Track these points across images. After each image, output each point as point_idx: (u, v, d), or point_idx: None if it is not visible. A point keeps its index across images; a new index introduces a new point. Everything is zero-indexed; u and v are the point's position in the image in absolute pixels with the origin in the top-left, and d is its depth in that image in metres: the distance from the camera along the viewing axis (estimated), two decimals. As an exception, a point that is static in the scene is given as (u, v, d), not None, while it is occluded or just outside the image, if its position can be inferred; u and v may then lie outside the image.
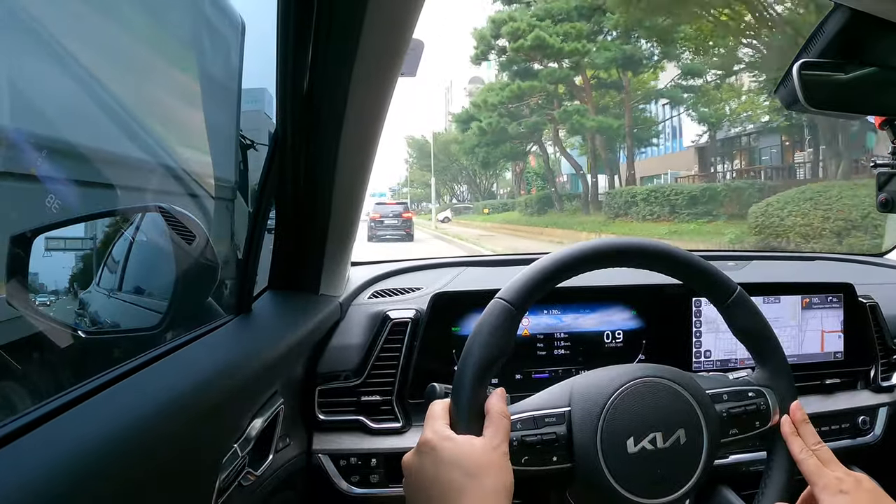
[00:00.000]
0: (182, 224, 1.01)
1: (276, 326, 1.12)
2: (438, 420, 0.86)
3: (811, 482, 0.90)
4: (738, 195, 18.80)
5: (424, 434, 0.85)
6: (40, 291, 0.97)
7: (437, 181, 45.03)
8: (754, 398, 0.96)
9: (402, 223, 23.35)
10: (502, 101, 28.31)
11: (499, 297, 0.89)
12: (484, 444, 0.82)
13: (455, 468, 0.80)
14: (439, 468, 0.81)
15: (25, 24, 0.89)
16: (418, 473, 0.84)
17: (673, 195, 20.57)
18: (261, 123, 1.48)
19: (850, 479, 0.89)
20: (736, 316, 0.98)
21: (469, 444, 0.82)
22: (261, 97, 1.65)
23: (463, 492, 0.78)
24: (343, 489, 1.34)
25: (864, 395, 1.66)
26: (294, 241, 1.22)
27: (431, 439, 0.83)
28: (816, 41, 1.13)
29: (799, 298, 1.62)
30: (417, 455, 0.85)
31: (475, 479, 0.79)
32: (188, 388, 0.74)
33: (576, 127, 26.71)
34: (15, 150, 0.87)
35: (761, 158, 26.74)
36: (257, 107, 1.67)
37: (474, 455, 0.81)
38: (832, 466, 0.91)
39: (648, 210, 21.10)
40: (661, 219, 20.48)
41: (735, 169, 28.02)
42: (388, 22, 0.89)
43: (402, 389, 1.42)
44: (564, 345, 1.50)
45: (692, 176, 28.28)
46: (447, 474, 0.80)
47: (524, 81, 27.24)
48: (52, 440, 0.54)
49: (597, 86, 27.72)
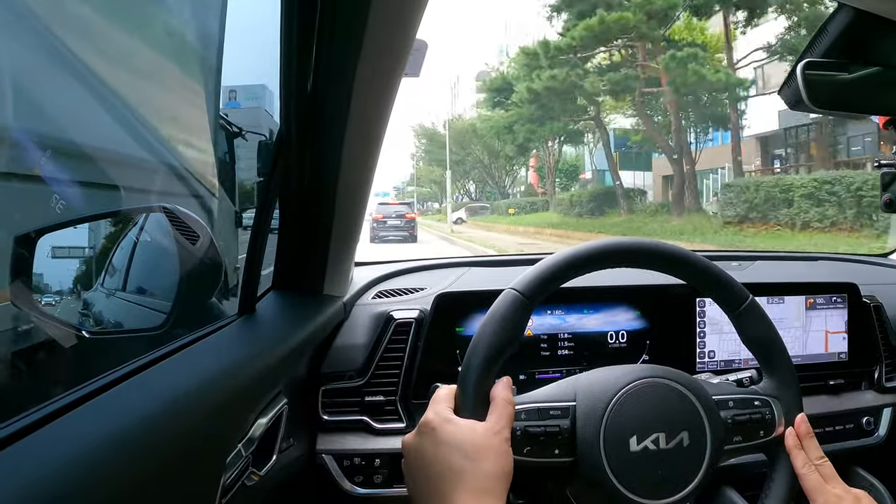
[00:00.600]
0: (186, 224, 1.01)
1: (279, 327, 1.13)
2: (442, 403, 0.87)
3: (811, 498, 0.91)
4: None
5: (426, 415, 0.86)
6: (44, 291, 0.97)
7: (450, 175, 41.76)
8: (760, 407, 0.96)
9: (405, 224, 22.48)
10: (573, 43, 20.43)
11: (511, 288, 0.90)
12: (486, 429, 0.83)
13: (454, 450, 0.80)
14: (438, 449, 0.82)
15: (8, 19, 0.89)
16: (417, 453, 0.85)
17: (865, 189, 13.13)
18: (261, 120, 1.48)
19: (849, 497, 0.91)
20: (746, 324, 0.98)
21: (470, 428, 0.83)
22: (261, 94, 1.64)
23: (461, 474, 0.79)
24: (347, 489, 1.34)
25: (868, 395, 1.65)
26: (298, 242, 1.22)
27: (432, 420, 0.84)
28: (820, 41, 1.13)
29: (803, 299, 1.62)
30: (417, 435, 0.86)
31: (474, 462, 0.79)
32: (192, 388, 0.74)
33: (689, 81, 18.79)
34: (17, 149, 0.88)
35: (850, 149, 20.40)
36: (257, 103, 1.66)
37: (475, 438, 0.81)
38: (833, 483, 0.92)
39: (817, 213, 14.25)
40: (842, 227, 13.71)
41: (807, 164, 21.45)
42: (391, 22, 0.90)
43: (406, 390, 1.42)
44: (568, 345, 1.50)
45: (756, 170, 23.13)
46: (446, 456, 0.81)
47: (609, 13, 19.30)
48: (56, 439, 0.55)
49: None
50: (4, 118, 0.85)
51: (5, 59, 0.84)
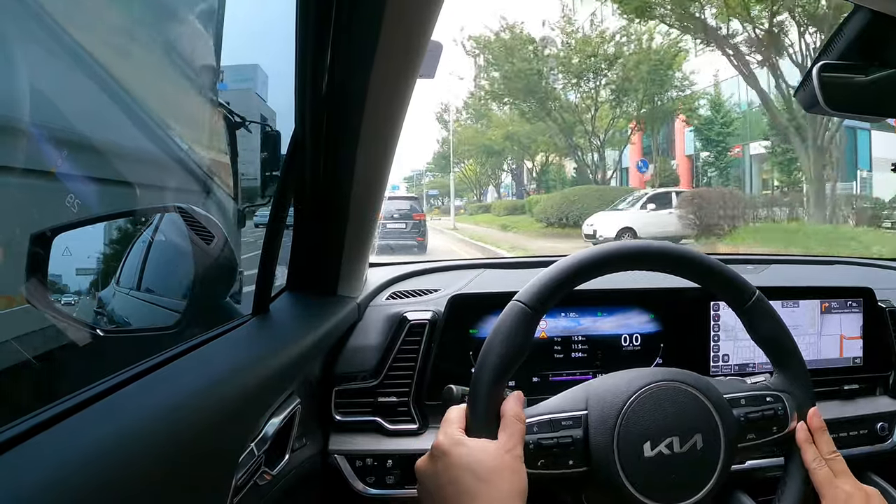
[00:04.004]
0: (200, 224, 1.02)
1: (293, 327, 1.13)
2: (453, 424, 0.86)
3: (820, 493, 0.91)
4: None
5: (437, 438, 0.85)
6: (60, 291, 0.98)
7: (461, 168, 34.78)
8: (772, 403, 0.95)
9: (410, 228, 15.94)
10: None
11: (516, 300, 0.89)
12: (497, 448, 0.82)
13: (467, 473, 0.80)
14: (451, 473, 0.81)
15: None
16: (431, 478, 0.84)
17: None
18: (251, 104, 1.43)
19: (859, 494, 0.89)
20: (754, 320, 0.98)
21: (482, 449, 0.82)
22: (252, 75, 1.57)
23: (475, 497, 0.78)
24: (359, 490, 1.35)
25: (882, 401, 1.64)
26: (312, 242, 1.23)
27: (443, 443, 0.84)
28: (837, 43, 1.13)
29: (818, 303, 1.61)
30: (430, 460, 0.85)
31: (487, 484, 0.79)
32: (205, 387, 0.75)
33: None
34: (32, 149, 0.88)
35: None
36: (247, 85, 1.60)
37: (487, 459, 0.81)
38: (844, 479, 0.91)
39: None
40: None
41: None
42: (406, 23, 0.90)
43: (419, 391, 1.42)
44: (582, 348, 1.50)
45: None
46: (459, 479, 0.80)
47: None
48: (70, 437, 0.55)
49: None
50: (19, 116, 0.86)
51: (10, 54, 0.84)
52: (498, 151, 33.83)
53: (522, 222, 23.28)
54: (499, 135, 31.45)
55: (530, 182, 35.57)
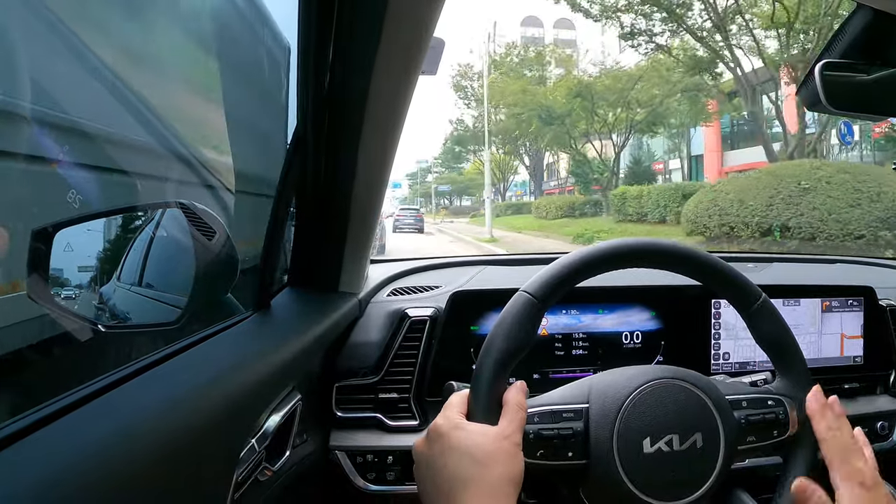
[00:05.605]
0: (202, 220, 1.01)
1: (294, 323, 1.13)
2: (454, 408, 0.86)
3: (831, 467, 0.88)
4: None
5: (436, 420, 0.85)
6: (61, 286, 0.98)
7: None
8: (773, 406, 0.95)
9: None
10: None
11: (523, 290, 0.89)
12: (496, 433, 0.82)
13: (464, 456, 0.80)
14: (447, 455, 0.81)
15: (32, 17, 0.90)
16: (427, 459, 0.84)
17: None
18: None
19: (873, 474, 0.88)
20: (759, 323, 0.97)
21: (480, 433, 0.82)
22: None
23: (470, 480, 0.78)
24: (359, 486, 1.35)
25: (883, 400, 1.64)
26: (314, 239, 1.23)
27: (442, 426, 0.84)
28: (839, 42, 1.12)
29: (819, 301, 1.61)
30: (427, 441, 0.85)
31: (483, 468, 0.78)
32: (206, 383, 0.75)
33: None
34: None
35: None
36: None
37: (485, 443, 0.81)
38: (857, 455, 0.90)
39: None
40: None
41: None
42: (409, 19, 0.89)
43: (420, 387, 1.42)
44: (583, 345, 1.50)
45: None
46: (455, 462, 0.80)
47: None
48: (71, 433, 0.55)
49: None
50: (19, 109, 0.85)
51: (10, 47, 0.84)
52: (560, 117, 25.64)
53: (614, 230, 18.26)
54: (562, 90, 25.18)
55: (566, 177, 32.38)
